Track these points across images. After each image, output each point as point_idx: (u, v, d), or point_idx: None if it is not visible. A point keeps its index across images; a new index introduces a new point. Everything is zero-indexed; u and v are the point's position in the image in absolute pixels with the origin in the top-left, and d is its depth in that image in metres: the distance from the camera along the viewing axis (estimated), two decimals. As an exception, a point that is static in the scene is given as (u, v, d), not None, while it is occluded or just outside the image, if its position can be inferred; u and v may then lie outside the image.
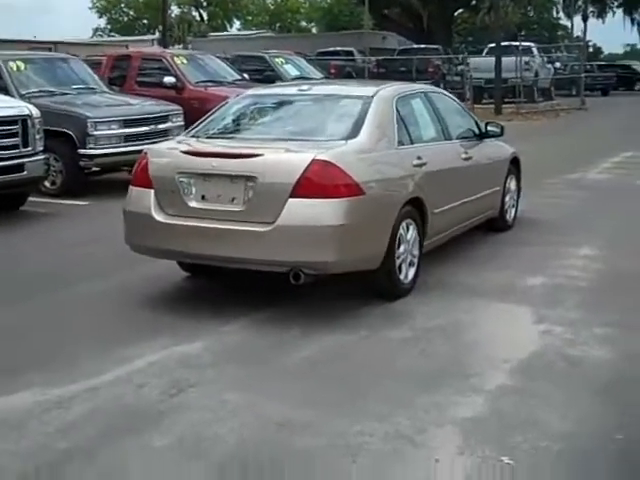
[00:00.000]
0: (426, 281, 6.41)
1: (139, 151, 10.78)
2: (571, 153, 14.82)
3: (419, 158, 6.33)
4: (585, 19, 73.14)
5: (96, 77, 12.50)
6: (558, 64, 31.64)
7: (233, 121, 6.59)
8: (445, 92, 7.87)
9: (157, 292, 6.44)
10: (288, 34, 66.79)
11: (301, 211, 5.40)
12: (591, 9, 71.28)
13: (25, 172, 9.15)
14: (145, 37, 56.44)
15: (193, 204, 5.71)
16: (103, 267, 7.15)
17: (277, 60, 16.51)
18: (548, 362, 4.84)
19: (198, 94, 13.37)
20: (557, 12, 66.39)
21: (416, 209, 6.19)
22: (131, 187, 6.08)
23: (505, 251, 7.63)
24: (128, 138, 10.90)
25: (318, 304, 5.99)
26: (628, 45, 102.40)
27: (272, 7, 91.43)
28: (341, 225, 5.39)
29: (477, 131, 7.74)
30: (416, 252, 6.24)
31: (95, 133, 10.56)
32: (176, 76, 13.60)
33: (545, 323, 5.52)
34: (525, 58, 25.89)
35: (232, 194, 5.61)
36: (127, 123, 10.91)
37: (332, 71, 24.13)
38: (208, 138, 6.25)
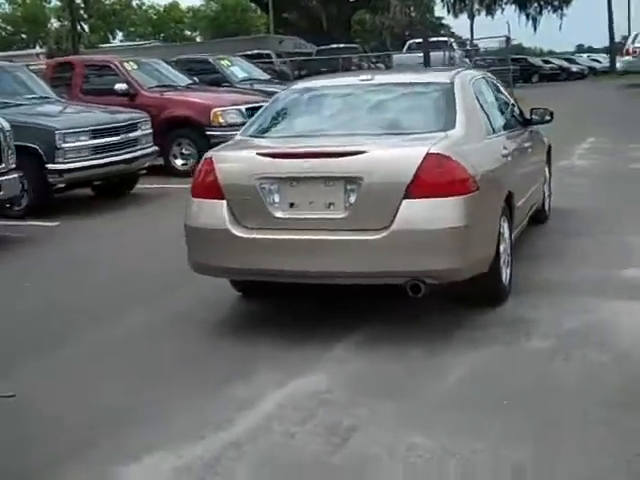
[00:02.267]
0: (515, 282, 5.74)
1: (110, 163, 10.03)
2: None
3: (505, 148, 5.69)
4: (471, 17, 74.61)
5: (45, 86, 11.33)
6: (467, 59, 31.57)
7: (300, 117, 5.70)
8: (492, 76, 7.23)
9: (219, 318, 5.56)
10: (187, 42, 64.99)
11: (419, 213, 4.64)
12: (477, 7, 72.47)
13: (2, 192, 8.02)
14: (30, 51, 53.86)
15: (279, 214, 4.86)
16: (132, 294, 6.20)
17: (222, 62, 15.59)
18: None
19: (154, 100, 12.33)
20: (448, 12, 67.09)
21: (507, 204, 5.54)
22: (193, 199, 5.16)
23: (567, 243, 7.03)
24: (98, 150, 9.80)
25: (415, 317, 5.25)
26: (502, 42, 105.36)
27: (155, 18, 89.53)
28: (465, 226, 4.67)
29: (521, 118, 7.13)
30: (509, 251, 5.59)
31: (64, 146, 9.40)
32: (127, 82, 12.52)
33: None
34: (452, 53, 25.66)
35: (329, 199, 4.79)
36: (96, 133, 9.80)
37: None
38: (280, 137, 5.39)
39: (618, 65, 29.69)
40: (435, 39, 26.39)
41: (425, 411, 3.93)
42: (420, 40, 24.29)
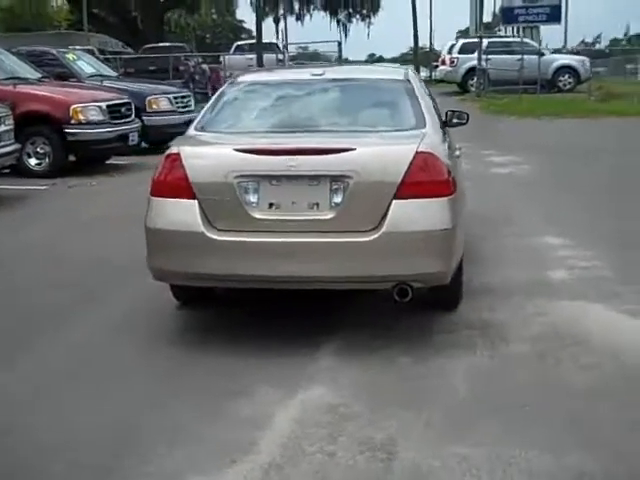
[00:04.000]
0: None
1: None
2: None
3: (455, 150, 5.68)
4: (277, 21, 75.26)
5: None
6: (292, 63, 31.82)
7: (264, 113, 5.35)
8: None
9: (168, 329, 5.16)
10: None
11: (410, 214, 4.51)
12: (281, 12, 73.11)
13: None
14: None
15: (258, 215, 4.56)
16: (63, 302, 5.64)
17: (68, 56, 14.62)
18: None
19: (5, 93, 11.32)
20: (266, 15, 67.13)
21: None
22: (154, 199, 4.73)
23: (481, 247, 7.11)
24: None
25: (379, 321, 5.14)
26: (300, 47, 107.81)
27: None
28: (453, 227, 4.61)
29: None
30: (461, 254, 5.58)
31: None
32: (-26, 72, 11.48)
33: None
34: (280, 56, 25.76)
35: (313, 199, 4.55)
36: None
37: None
38: (248, 133, 5.05)
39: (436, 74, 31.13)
40: (267, 42, 26.39)
41: (450, 419, 3.80)
42: (251, 42, 24.35)
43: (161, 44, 29.09)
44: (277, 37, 72.66)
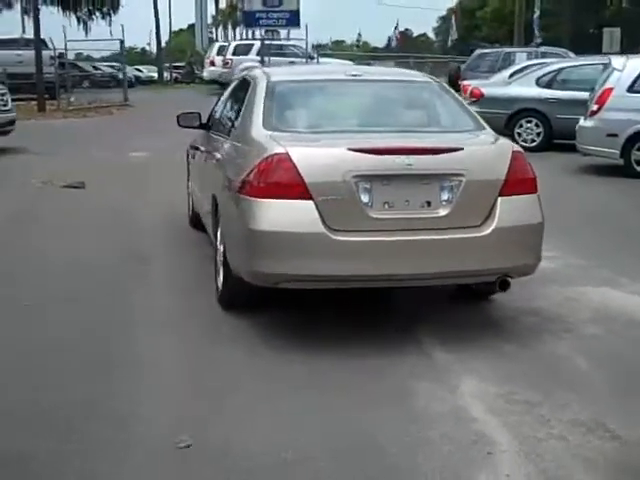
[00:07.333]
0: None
1: None
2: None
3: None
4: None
5: None
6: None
7: (334, 112, 5.35)
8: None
9: (248, 329, 4.97)
10: None
11: (514, 210, 4.79)
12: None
13: None
14: None
15: (374, 214, 4.57)
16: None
17: None
18: None
19: None
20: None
21: None
22: (260, 200, 4.54)
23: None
24: None
25: (437, 313, 5.37)
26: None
27: None
28: (543, 221, 4.95)
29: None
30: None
31: None
32: None
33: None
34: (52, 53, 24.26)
35: (425, 197, 4.65)
36: None
37: None
38: (335, 132, 5.02)
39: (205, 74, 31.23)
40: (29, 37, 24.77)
41: (621, 398, 4.09)
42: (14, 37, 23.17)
43: None
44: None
